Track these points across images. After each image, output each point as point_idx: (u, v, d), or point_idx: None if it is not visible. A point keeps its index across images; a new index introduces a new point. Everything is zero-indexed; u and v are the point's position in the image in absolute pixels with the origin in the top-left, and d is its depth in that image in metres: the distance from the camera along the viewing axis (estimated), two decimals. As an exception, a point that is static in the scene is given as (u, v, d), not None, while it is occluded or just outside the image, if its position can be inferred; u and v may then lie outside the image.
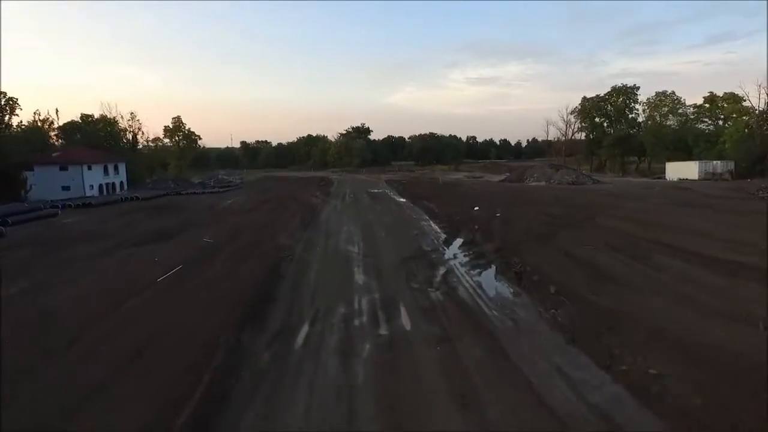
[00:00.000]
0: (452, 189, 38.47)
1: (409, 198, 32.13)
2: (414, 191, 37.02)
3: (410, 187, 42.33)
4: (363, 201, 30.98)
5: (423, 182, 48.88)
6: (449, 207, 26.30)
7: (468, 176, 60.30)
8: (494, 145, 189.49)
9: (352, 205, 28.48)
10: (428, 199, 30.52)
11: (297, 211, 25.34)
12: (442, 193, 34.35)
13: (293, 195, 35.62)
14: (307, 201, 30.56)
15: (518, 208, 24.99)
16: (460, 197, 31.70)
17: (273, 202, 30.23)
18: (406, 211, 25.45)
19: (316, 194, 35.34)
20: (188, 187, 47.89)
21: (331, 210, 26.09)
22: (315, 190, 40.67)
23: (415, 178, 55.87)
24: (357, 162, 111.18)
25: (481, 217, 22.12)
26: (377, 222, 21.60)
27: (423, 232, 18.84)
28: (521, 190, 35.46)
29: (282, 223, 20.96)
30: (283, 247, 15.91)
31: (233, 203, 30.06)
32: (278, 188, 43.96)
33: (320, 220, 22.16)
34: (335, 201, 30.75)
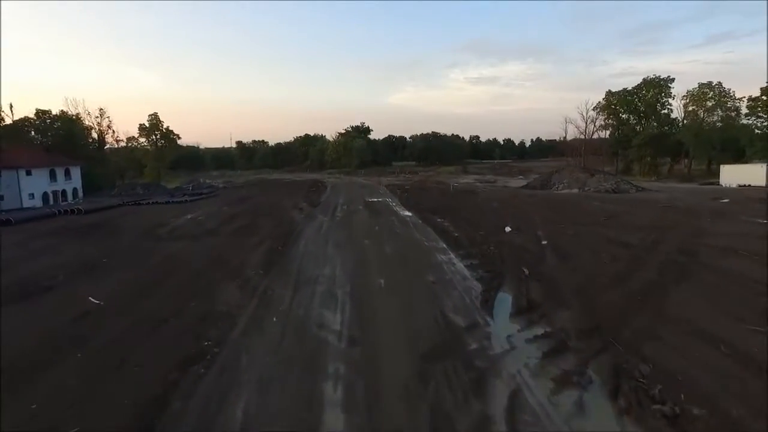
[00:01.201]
0: (467, 198, 31.92)
1: (415, 211, 25.59)
2: (421, 200, 30.49)
3: (416, 194, 35.77)
4: (358, 217, 24.44)
5: (430, 187, 42.29)
6: (471, 226, 19.78)
7: (479, 180, 53.67)
8: (498, 145, 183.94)
9: (343, 224, 21.97)
10: (441, 213, 24.00)
11: (268, 234, 18.84)
12: (457, 204, 27.82)
13: (274, 206, 29.10)
14: (288, 217, 24.02)
15: (566, 230, 18.45)
16: (480, 210, 25.15)
17: (244, 217, 23.70)
18: (414, 235, 18.89)
19: (302, 206, 28.79)
20: (158, 194, 41.42)
21: (314, 233, 19.58)
22: (303, 198, 34.14)
23: (420, 183, 49.30)
24: (356, 163, 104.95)
25: (522, 247, 15.58)
26: (375, 257, 15.06)
27: (444, 279, 12.30)
28: (553, 200, 28.88)
29: (238, 260, 14.43)
30: (215, 319, 9.40)
31: (192, 220, 23.55)
32: (261, 195, 37.43)
33: (294, 253, 15.62)
34: (323, 217, 24.23)
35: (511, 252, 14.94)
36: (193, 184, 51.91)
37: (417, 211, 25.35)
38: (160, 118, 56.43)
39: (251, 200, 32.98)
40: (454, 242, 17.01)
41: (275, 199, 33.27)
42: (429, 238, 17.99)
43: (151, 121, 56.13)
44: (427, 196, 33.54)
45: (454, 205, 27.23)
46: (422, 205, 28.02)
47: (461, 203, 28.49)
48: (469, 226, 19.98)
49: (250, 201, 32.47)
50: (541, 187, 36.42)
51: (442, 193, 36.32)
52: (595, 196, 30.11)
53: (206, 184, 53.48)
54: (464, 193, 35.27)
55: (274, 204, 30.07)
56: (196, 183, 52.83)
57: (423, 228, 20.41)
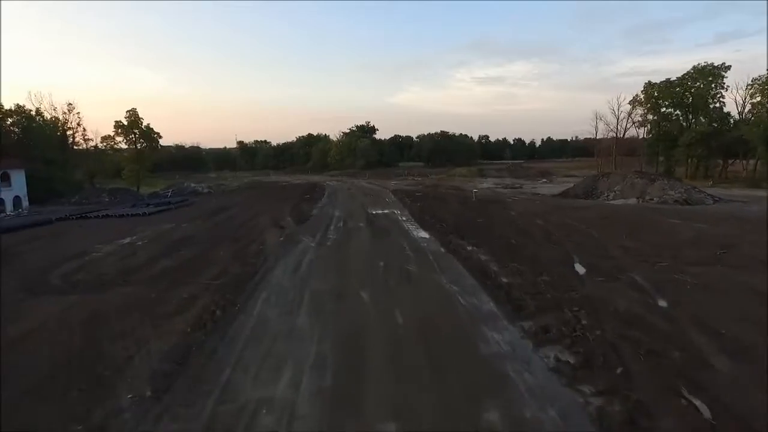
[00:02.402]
0: (497, 210, 25.20)
1: (434, 230, 18.99)
2: (438, 213, 23.88)
3: (430, 203, 29.13)
4: (356, 242, 17.87)
5: (445, 195, 35.62)
6: (521, 262, 13.13)
7: (500, 185, 46.86)
8: (508, 145, 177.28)
9: (335, 255, 15.37)
10: (469, 234, 17.38)
11: (216, 277, 12.34)
12: (487, 221, 21.17)
13: (250, 222, 22.63)
14: (259, 242, 17.43)
15: (676, 273, 11.74)
16: (522, 231, 18.43)
17: (196, 244, 17.16)
18: (439, 279, 12.25)
19: (283, 222, 22.22)
20: (125, 202, 35.26)
21: (287, 275, 13.02)
22: (292, 208, 27.64)
23: (434, 188, 42.63)
24: (361, 164, 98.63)
25: (634, 317, 8.85)
26: (379, 339, 8.41)
27: (522, 418, 5.72)
28: (615, 215, 21.99)
29: (123, 353, 7.90)
30: None
31: (126, 246, 17.11)
32: (242, 206, 30.99)
33: (238, 329, 8.99)
34: (309, 241, 17.69)
35: (622, 332, 8.26)
36: (173, 189, 45.64)
37: (436, 232, 18.71)
38: (139, 114, 50.19)
39: (225, 213, 26.50)
40: (507, 298, 10.39)
41: (257, 211, 26.79)
42: (464, 288, 11.35)
43: (129, 118, 49.92)
44: (445, 207, 26.88)
45: (484, 223, 20.56)
46: (441, 220, 21.38)
47: (492, 219, 21.80)
48: (517, 262, 13.33)
49: (223, 214, 25.98)
50: (585, 195, 29.63)
51: (462, 202, 29.65)
52: (666, 209, 23.30)
53: (189, 188, 47.23)
54: (490, 203, 28.55)
55: (251, 219, 23.56)
56: (177, 188, 46.55)
57: (450, 263, 13.77)
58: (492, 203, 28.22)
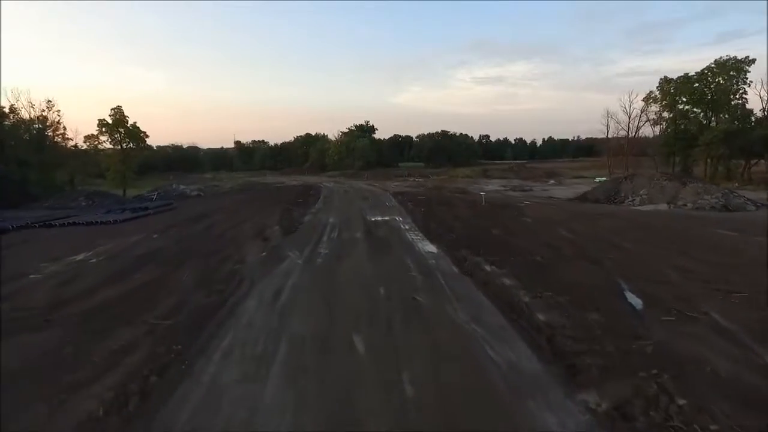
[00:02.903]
0: (512, 217, 22.44)
1: (443, 243, 16.23)
2: (446, 221, 21.15)
3: (435, 208, 26.38)
4: (352, 260, 15.11)
5: (451, 198, 32.88)
6: (555, 289, 10.31)
7: (507, 186, 44.09)
8: (509, 145, 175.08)
9: (324, 280, 12.63)
10: (484, 249, 14.61)
11: (167, 314, 9.60)
12: (503, 231, 18.41)
13: (230, 232, 19.88)
14: (236, 259, 14.63)
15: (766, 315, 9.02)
16: (546, 245, 15.67)
17: (160, 263, 14.32)
18: (456, 316, 9.50)
19: (271, 232, 19.44)
20: (101, 206, 32.55)
21: (263, 308, 10.27)
22: (281, 214, 24.90)
23: (437, 190, 39.85)
24: (359, 164, 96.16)
25: (751, 393, 6.17)
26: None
27: None
28: (651, 225, 19.15)
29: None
30: None
31: (76, 265, 14.35)
32: (227, 211, 28.22)
33: (169, 418, 6.40)
34: (295, 257, 14.93)
35: (744, 421, 5.52)
36: (159, 191, 42.83)
37: (446, 245, 15.93)
38: (124, 112, 47.35)
39: (207, 220, 23.70)
40: (552, 349, 7.63)
41: (243, 217, 24.01)
42: (491, 329, 8.58)
43: (114, 116, 47.10)
44: (452, 213, 24.13)
45: (501, 234, 17.78)
46: (450, 229, 18.63)
47: (508, 228, 19.04)
48: (552, 289, 10.55)
49: (204, 221, 23.18)
50: (607, 199, 26.87)
51: (471, 207, 26.90)
52: (707, 217, 20.58)
53: (178, 190, 44.43)
54: (502, 208, 25.79)
55: (234, 227, 20.78)
56: (164, 190, 43.73)
57: (467, 290, 11.00)
58: (504, 208, 25.45)
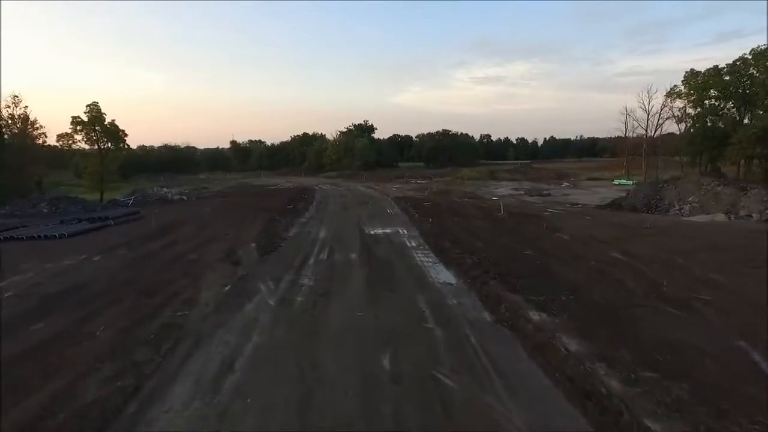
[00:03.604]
0: (543, 234, 18.44)
1: (465, 271, 12.30)
2: (463, 237, 17.24)
3: (447, 219, 22.45)
4: (342, 295, 11.19)
5: (463, 205, 28.93)
6: (651, 363, 6.47)
7: (521, 190, 40.11)
8: (511, 145, 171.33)
9: (301, 332, 8.79)
10: (522, 281, 10.74)
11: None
12: (539, 254, 14.44)
13: (200, 249, 15.94)
14: (187, 297, 10.71)
15: None
16: (603, 276, 11.74)
17: (74, 308, 10.40)
18: (512, 424, 5.66)
19: (243, 251, 15.47)
20: (68, 212, 28.63)
21: (187, 407, 6.50)
22: (265, 225, 20.99)
23: (444, 194, 35.91)
24: (358, 164, 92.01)
25: None
26: None
27: None
28: (729, 243, 15.22)
29: None
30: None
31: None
32: (203, 220, 24.23)
33: None
34: (266, 292, 11.05)
35: None
36: (137, 195, 38.82)
37: (468, 273, 11.99)
38: (101, 109, 43.35)
39: (172, 234, 19.70)
40: None
41: (217, 230, 20.07)
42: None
43: (91, 114, 43.09)
44: (468, 226, 20.20)
45: (535, 256, 13.85)
46: (469, 249, 14.70)
47: (542, 248, 15.06)
48: (645, 363, 6.65)
49: (168, 236, 19.18)
50: (647, 207, 22.94)
51: (488, 216, 22.96)
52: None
53: (158, 194, 40.45)
54: (525, 218, 21.82)
55: (201, 245, 16.79)
56: (142, 194, 39.70)
57: (516, 363, 7.11)
58: (528, 219, 21.49)
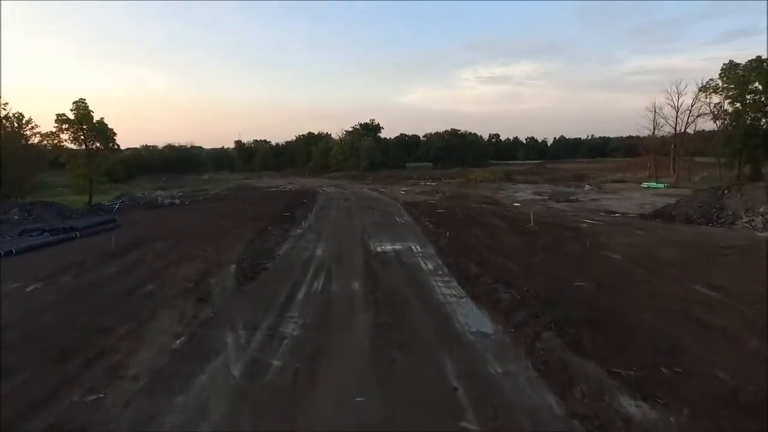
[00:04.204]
0: (589, 253, 15.00)
1: (502, 311, 9.03)
2: (490, 257, 13.90)
3: (468, 231, 19.07)
4: (337, 356, 7.92)
5: (483, 213, 25.50)
6: None
7: (544, 194, 36.54)
8: (521, 144, 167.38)
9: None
10: (585, 332, 7.43)
11: None
12: (596, 286, 11.05)
13: (164, 273, 12.76)
14: (113, 363, 7.54)
15: None
16: (695, 324, 8.36)
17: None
18: None
19: (218, 277, 12.23)
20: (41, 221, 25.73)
21: None
22: (252, 239, 17.77)
23: (459, 199, 32.47)
24: (364, 164, 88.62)
25: None
26: None
27: None
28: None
29: None
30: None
31: None
32: (185, 230, 21.05)
33: None
34: (232, 349, 7.87)
35: None
36: (123, 199, 35.81)
37: (510, 318, 8.71)
38: (89, 107, 40.41)
39: (139, 251, 16.48)
40: None
41: (194, 245, 16.85)
42: None
43: (78, 111, 40.16)
44: (494, 242, 16.78)
45: (594, 291, 10.47)
46: (503, 278, 11.37)
47: (598, 276, 11.66)
48: None
49: (132, 254, 15.95)
50: (706, 218, 19.35)
51: (515, 228, 19.51)
52: None
53: (147, 197, 37.46)
54: (561, 231, 18.35)
55: (165, 268, 13.54)
56: (128, 198, 36.66)
57: None
58: (565, 232, 17.98)
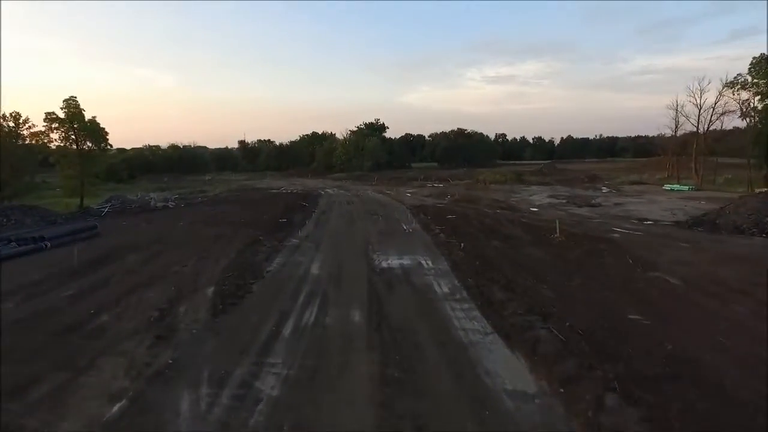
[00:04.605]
0: (633, 273, 12.79)
1: (541, 356, 6.85)
2: (514, 276, 11.71)
3: (482, 243, 16.85)
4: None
5: (497, 219, 23.26)
6: None
7: (560, 198, 34.13)
8: (528, 144, 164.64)
9: None
10: (661, 404, 5.28)
11: None
12: (654, 319, 8.85)
13: (124, 302, 10.67)
14: None
15: None
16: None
17: None
18: None
19: (183, 310, 10.15)
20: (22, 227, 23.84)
21: None
22: (242, 249, 15.65)
23: (469, 203, 30.17)
24: (369, 165, 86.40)
25: None
26: None
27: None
28: None
29: None
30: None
31: None
32: (169, 239, 18.98)
33: None
34: (184, 423, 5.76)
35: None
36: (115, 202, 33.83)
37: (555, 370, 6.57)
38: (80, 105, 38.47)
39: (109, 266, 14.40)
40: None
41: (173, 259, 14.78)
42: None
43: (68, 109, 38.22)
44: (515, 255, 14.57)
45: (650, 329, 8.29)
46: (534, 304, 9.21)
47: (652, 308, 9.46)
48: None
49: (102, 269, 13.89)
50: (758, 228, 16.95)
51: (538, 238, 17.26)
52: None
53: (140, 200, 35.50)
54: (590, 242, 16.05)
55: (130, 292, 11.44)
56: (119, 201, 34.65)
57: None
58: (597, 245, 15.68)
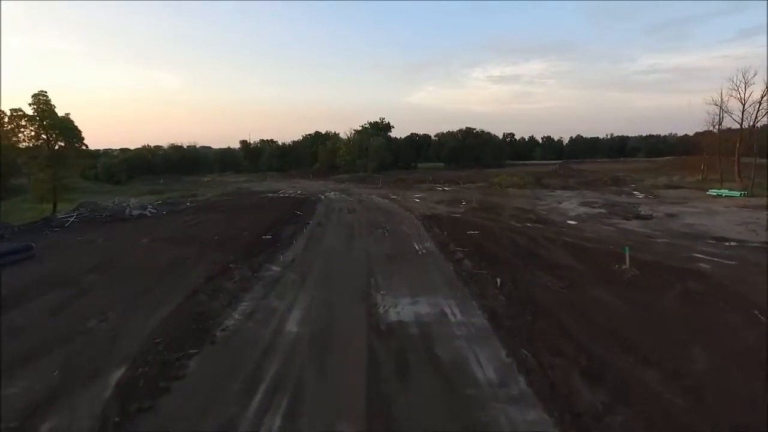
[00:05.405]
0: (751, 334, 8.67)
1: None
2: (588, 344, 7.54)
3: (519, 273, 12.63)
4: None
5: (529, 235, 18.98)
6: None
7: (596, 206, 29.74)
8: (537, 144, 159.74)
9: None
10: None
11: None
12: None
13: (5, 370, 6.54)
14: None
15: None
16: None
17: None
18: None
19: (81, 396, 6.13)
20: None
21: None
22: (203, 280, 11.51)
23: (489, 213, 25.87)
24: (373, 165, 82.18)
25: None
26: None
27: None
28: None
29: None
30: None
31: None
32: (114, 263, 14.93)
33: None
34: None
35: None
36: (83, 211, 29.82)
37: None
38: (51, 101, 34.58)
39: (5, 314, 10.42)
40: None
41: (102, 301, 10.76)
42: None
43: (38, 105, 34.34)
44: (575, 297, 10.40)
45: None
46: (646, 419, 5.05)
47: None
48: None
49: None
50: None
51: (599, 270, 13.01)
52: None
53: (113, 207, 31.52)
54: (677, 278, 11.86)
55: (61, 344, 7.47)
56: (89, 208, 30.64)
57: None
58: (689, 284, 11.46)
